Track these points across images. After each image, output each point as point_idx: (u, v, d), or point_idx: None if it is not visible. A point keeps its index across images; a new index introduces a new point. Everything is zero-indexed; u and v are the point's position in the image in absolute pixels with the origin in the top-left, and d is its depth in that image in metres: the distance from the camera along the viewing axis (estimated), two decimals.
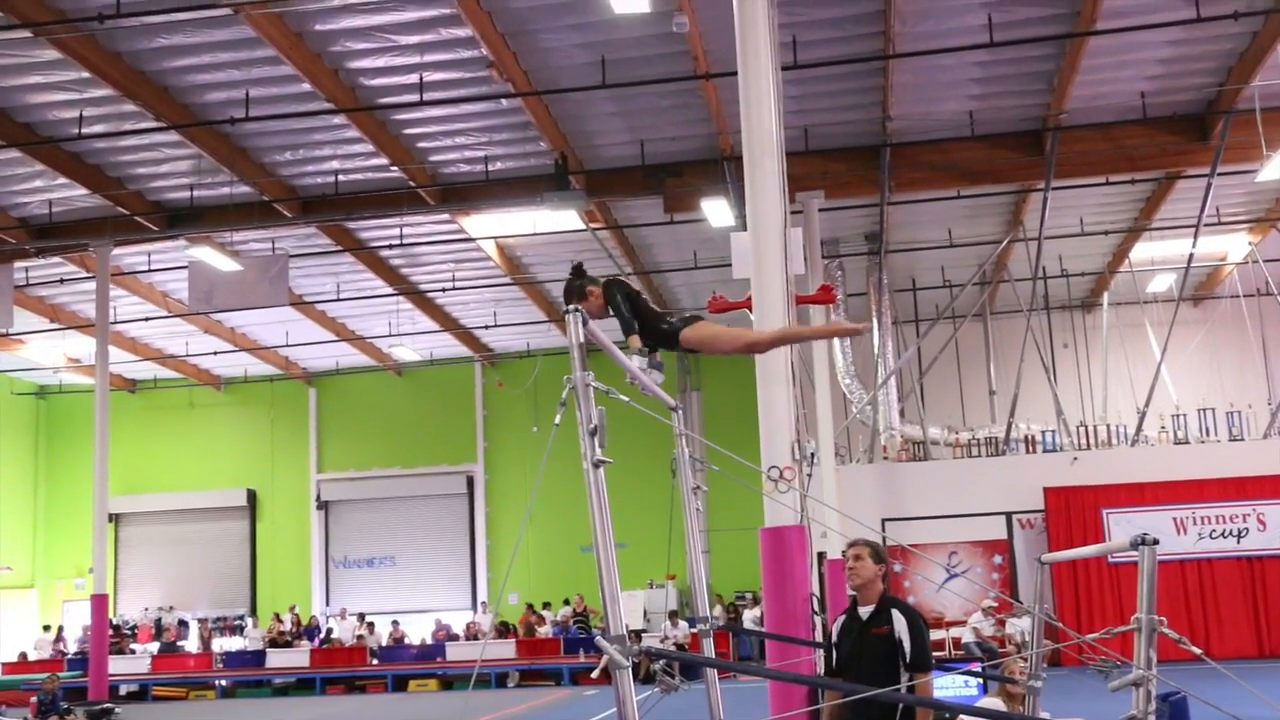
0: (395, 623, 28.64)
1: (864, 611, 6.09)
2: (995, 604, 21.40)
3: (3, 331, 25.57)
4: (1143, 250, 24.29)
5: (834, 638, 6.20)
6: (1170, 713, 4.04)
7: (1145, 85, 17.54)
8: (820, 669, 6.64)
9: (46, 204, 20.56)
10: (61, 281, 24.17)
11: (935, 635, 22.10)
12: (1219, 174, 19.11)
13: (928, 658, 5.98)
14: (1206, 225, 21.38)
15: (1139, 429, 24.01)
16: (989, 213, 22.69)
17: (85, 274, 23.51)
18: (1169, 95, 17.90)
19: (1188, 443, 23.87)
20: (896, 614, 6.02)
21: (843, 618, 6.25)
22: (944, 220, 22.74)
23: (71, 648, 28.52)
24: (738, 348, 5.98)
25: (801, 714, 6.12)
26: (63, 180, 19.22)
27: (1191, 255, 22.49)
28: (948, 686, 8.08)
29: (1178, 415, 24.22)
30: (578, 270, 5.95)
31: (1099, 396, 25.90)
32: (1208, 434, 24.12)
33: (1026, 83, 17.54)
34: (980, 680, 7.62)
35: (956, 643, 21.62)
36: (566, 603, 27.98)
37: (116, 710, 21.67)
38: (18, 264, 22.75)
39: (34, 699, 20.74)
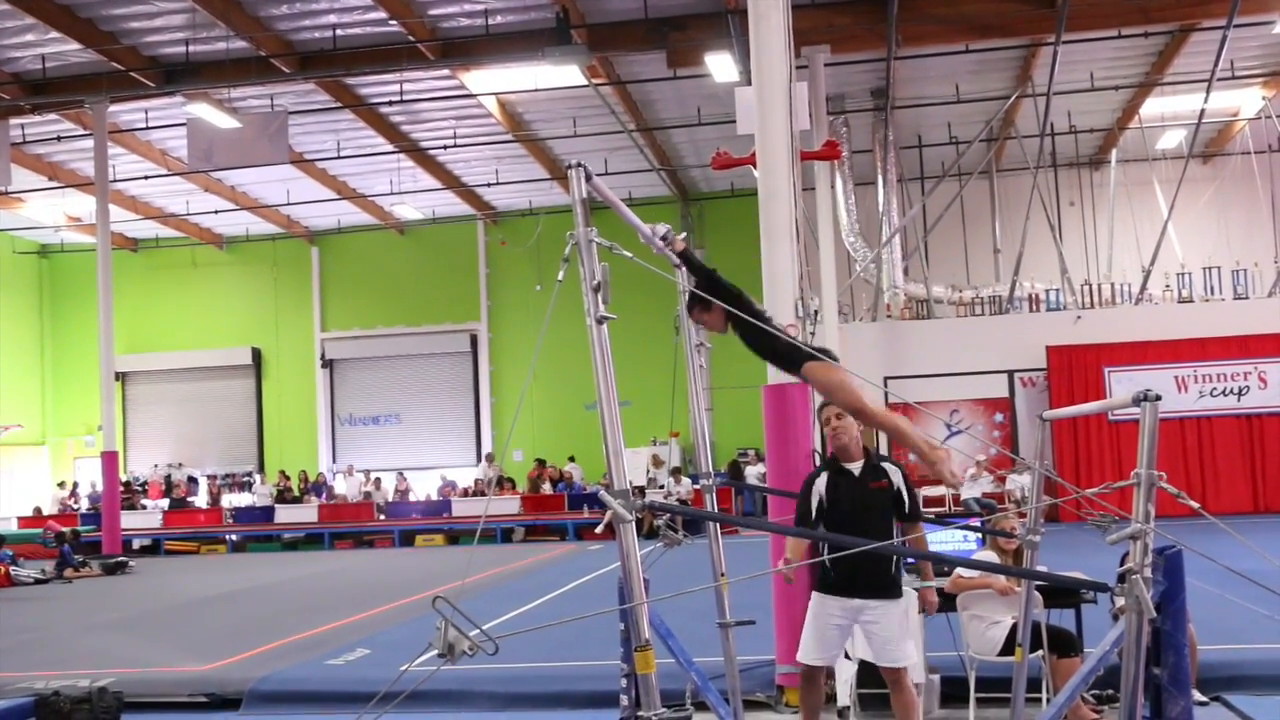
0: (401, 474, 29.03)
1: (854, 468, 6.08)
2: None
3: (1, 189, 25.41)
4: (1153, 106, 23.92)
5: (821, 496, 6.08)
6: (1165, 565, 4.09)
7: None
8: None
9: (39, 59, 20.21)
10: (59, 139, 23.91)
11: (935, 492, 22.45)
12: (1235, 25, 18.68)
13: (921, 508, 6.27)
14: (1220, 80, 21.00)
15: (1143, 288, 23.94)
16: (997, 68, 22.29)
17: (83, 131, 23.24)
18: None
19: (1192, 301, 23.83)
20: (890, 468, 6.13)
21: (825, 475, 6.15)
22: (951, 75, 22.36)
23: (84, 504, 28.97)
24: (847, 405, 5.52)
25: (802, 566, 6.21)
26: (55, 34, 18.87)
27: (1203, 111, 22.15)
28: (946, 541, 8.19)
29: (1183, 274, 24.12)
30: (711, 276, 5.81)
31: (1104, 255, 25.78)
32: (1212, 293, 24.06)
33: None
34: (980, 536, 7.73)
35: (956, 499, 21.91)
36: (572, 459, 28.21)
37: (130, 563, 22.13)
38: (13, 121, 22.50)
39: (53, 541, 21.02)
